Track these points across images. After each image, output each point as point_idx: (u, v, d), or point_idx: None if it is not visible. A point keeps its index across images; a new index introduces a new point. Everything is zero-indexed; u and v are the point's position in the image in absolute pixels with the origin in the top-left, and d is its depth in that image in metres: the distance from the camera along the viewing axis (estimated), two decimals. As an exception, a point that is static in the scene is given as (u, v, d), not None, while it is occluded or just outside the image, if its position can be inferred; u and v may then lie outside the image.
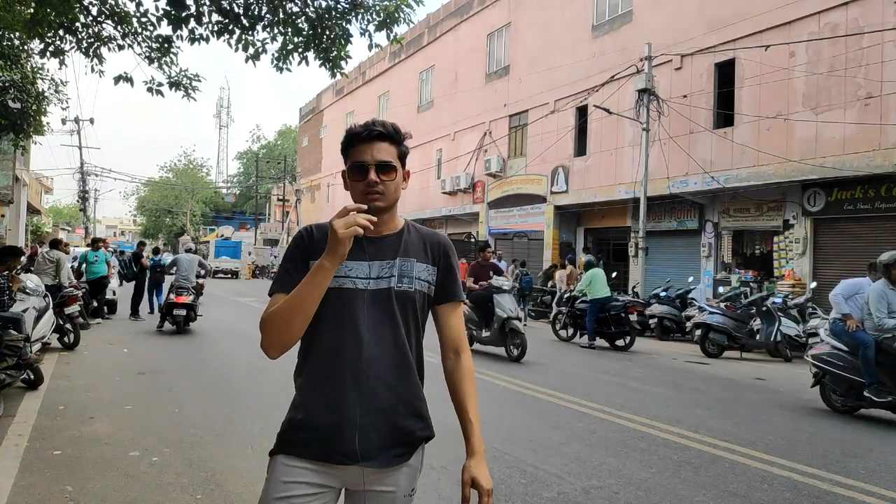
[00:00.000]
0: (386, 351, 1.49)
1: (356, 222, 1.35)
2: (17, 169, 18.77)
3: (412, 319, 1.54)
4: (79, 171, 36.52)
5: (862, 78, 11.52)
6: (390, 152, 1.52)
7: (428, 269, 1.57)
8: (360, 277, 1.49)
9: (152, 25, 6.95)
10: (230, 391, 6.21)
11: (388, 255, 1.53)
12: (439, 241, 1.63)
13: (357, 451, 1.45)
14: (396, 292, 1.51)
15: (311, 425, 1.48)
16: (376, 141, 1.51)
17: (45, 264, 9.22)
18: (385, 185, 1.50)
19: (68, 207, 69.77)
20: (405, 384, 1.52)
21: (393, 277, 1.51)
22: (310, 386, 1.51)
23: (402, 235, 1.57)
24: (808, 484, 3.94)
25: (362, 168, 1.49)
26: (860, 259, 12.23)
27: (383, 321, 1.49)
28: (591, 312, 10.68)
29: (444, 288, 1.61)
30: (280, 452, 1.50)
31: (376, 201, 1.49)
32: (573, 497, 3.59)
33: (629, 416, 5.56)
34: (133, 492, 3.52)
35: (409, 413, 1.53)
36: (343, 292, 1.48)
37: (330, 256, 1.37)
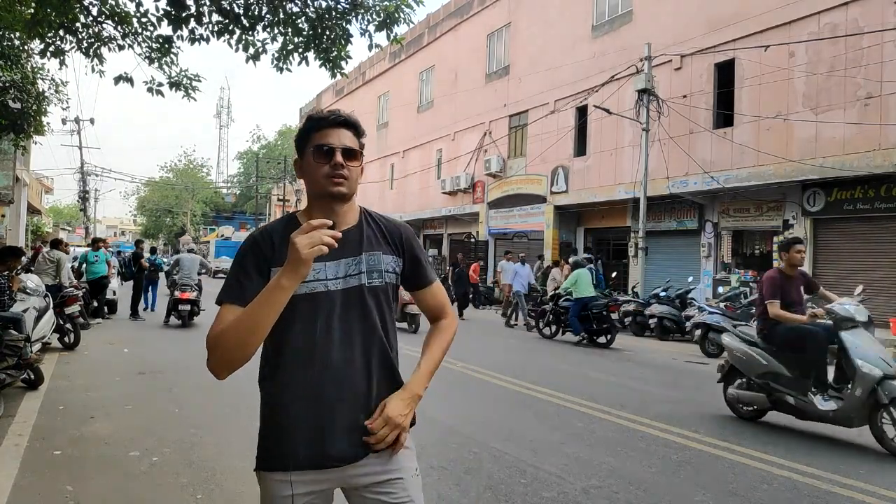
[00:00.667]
0: (364, 347, 1.47)
1: (321, 241, 1.25)
2: (18, 169, 18.77)
3: (386, 312, 1.53)
4: (79, 171, 36.53)
5: (862, 78, 11.52)
6: (353, 141, 1.51)
7: (394, 260, 1.56)
8: (330, 279, 1.46)
9: (152, 25, 6.95)
10: (230, 391, 6.21)
11: (352, 250, 1.49)
12: (399, 231, 1.61)
13: (349, 452, 1.44)
14: (368, 288, 1.49)
15: (293, 434, 1.43)
16: (341, 127, 1.50)
17: (45, 264, 9.22)
18: (349, 171, 1.47)
19: (68, 207, 69.79)
20: (385, 379, 1.51)
21: (362, 274, 1.49)
22: (285, 392, 1.45)
23: (361, 228, 1.55)
24: (808, 484, 3.95)
25: (329, 151, 1.46)
26: (860, 259, 12.28)
27: (357, 318, 1.47)
28: (573, 310, 11.03)
29: (418, 276, 1.62)
30: (264, 469, 1.46)
31: (340, 186, 1.46)
32: (573, 497, 3.59)
33: (629, 416, 5.56)
34: (133, 492, 3.53)
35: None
36: (314, 297, 1.44)
37: (290, 276, 1.27)
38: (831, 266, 12.71)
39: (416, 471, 1.55)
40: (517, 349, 10.33)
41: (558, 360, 9.13)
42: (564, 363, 8.93)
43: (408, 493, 1.49)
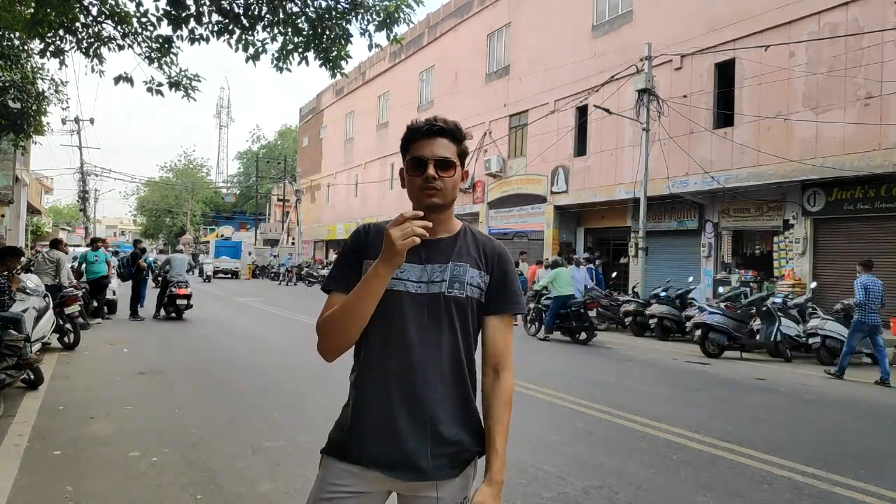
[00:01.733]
0: (435, 358, 1.45)
1: (413, 231, 1.30)
2: (18, 169, 18.77)
3: (462, 326, 1.48)
4: (79, 171, 36.51)
5: (862, 78, 11.52)
6: (450, 149, 1.48)
7: (480, 275, 1.51)
8: (412, 281, 1.46)
9: (152, 25, 6.95)
10: (230, 391, 6.22)
11: (440, 258, 1.49)
12: (494, 247, 1.57)
13: (398, 462, 1.43)
14: (447, 297, 1.46)
15: (358, 431, 1.46)
16: (437, 137, 1.48)
17: (45, 264, 9.22)
18: (443, 182, 1.45)
19: (68, 207, 69.80)
20: (455, 393, 1.48)
21: (444, 282, 1.47)
22: (358, 390, 1.50)
23: (457, 239, 1.53)
24: (808, 484, 3.94)
25: (421, 163, 1.46)
26: (860, 259, 12.25)
27: (433, 327, 1.45)
28: (552, 308, 11.35)
29: (496, 297, 1.53)
30: (329, 454, 1.52)
31: (433, 198, 1.45)
32: (573, 497, 3.59)
33: (629, 416, 5.56)
34: (133, 492, 3.52)
35: (456, 423, 1.47)
36: (392, 295, 1.44)
37: (385, 265, 1.34)
38: (831, 266, 12.71)
39: (465, 500, 1.51)
40: (517, 349, 10.28)
41: (558, 361, 9.13)
42: (564, 363, 8.93)
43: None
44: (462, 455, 1.49)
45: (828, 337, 9.53)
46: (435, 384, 1.45)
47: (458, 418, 1.48)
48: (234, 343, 9.73)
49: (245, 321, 13.06)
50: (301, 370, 7.45)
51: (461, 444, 1.48)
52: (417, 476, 1.43)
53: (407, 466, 1.43)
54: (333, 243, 36.03)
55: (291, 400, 5.80)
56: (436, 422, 1.44)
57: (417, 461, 1.43)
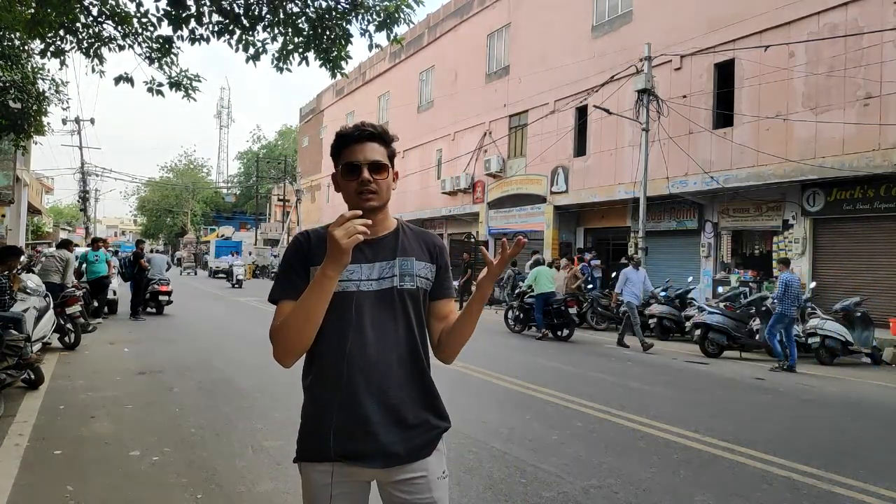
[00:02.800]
0: (394, 349, 1.52)
1: (356, 230, 1.34)
2: (18, 169, 18.76)
3: (416, 315, 1.57)
4: (79, 171, 36.52)
5: (861, 78, 11.53)
6: (381, 152, 1.54)
7: (427, 267, 1.61)
8: (363, 279, 1.52)
9: (153, 26, 6.96)
10: (230, 391, 6.22)
11: (386, 255, 1.56)
12: (434, 241, 1.67)
13: (374, 452, 1.49)
14: (399, 291, 1.54)
15: (325, 429, 1.50)
16: (367, 141, 1.53)
17: (56, 262, 9.29)
18: (378, 185, 1.52)
19: (69, 207, 69.76)
20: (416, 379, 1.56)
21: (395, 277, 1.54)
22: (319, 389, 1.53)
23: (398, 235, 1.60)
24: (808, 484, 3.95)
25: (355, 168, 1.51)
26: (859, 259, 12.28)
27: (389, 320, 1.52)
28: (537, 307, 11.62)
29: (442, 285, 1.64)
30: (303, 460, 1.55)
31: (370, 201, 1.51)
32: (573, 497, 3.60)
33: (629, 416, 5.56)
34: (133, 491, 3.53)
35: (420, 406, 1.55)
36: (346, 295, 1.49)
37: (333, 265, 1.38)
38: (831, 266, 12.72)
39: (444, 473, 1.60)
40: (517, 349, 10.33)
41: (558, 360, 9.13)
42: (564, 363, 8.93)
43: (432, 494, 1.55)
44: (430, 434, 1.57)
45: (827, 337, 9.53)
46: (396, 373, 1.52)
47: (420, 401, 1.56)
48: (234, 342, 9.74)
49: (245, 321, 13.06)
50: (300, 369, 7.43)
51: (427, 423, 1.56)
52: (392, 462, 1.50)
53: (382, 454, 1.49)
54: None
55: (291, 399, 5.81)
56: (401, 408, 1.51)
57: (390, 447, 1.49)
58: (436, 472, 1.57)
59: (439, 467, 1.59)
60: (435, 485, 1.56)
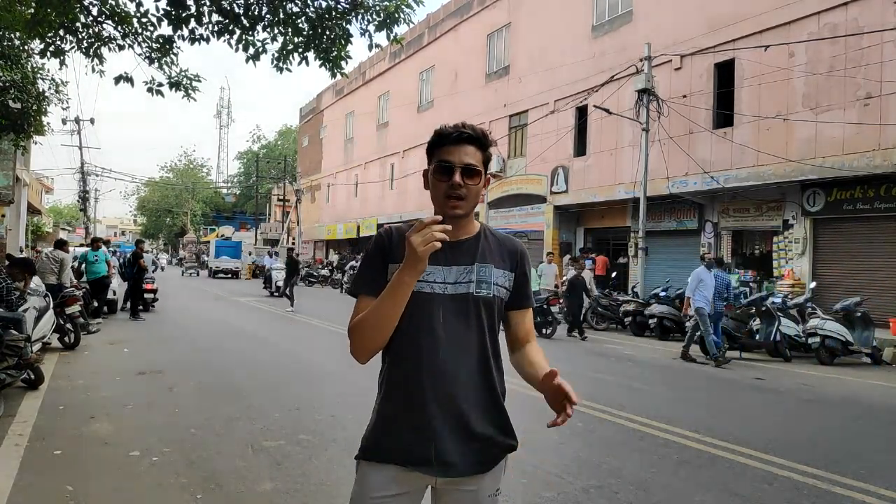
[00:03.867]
0: (465, 357, 1.49)
1: (433, 237, 1.33)
2: (18, 169, 18.76)
3: (489, 324, 1.53)
4: (79, 170, 36.54)
5: (861, 78, 11.53)
6: (476, 157, 1.52)
7: (505, 275, 1.57)
8: (438, 282, 1.50)
9: (152, 26, 6.96)
10: (231, 391, 6.22)
11: (465, 260, 1.53)
12: (516, 248, 1.63)
13: (434, 460, 1.46)
14: (475, 297, 1.51)
15: (391, 431, 1.50)
16: (465, 144, 1.50)
17: (50, 264, 9.27)
18: (468, 189, 1.49)
19: (69, 207, 69.77)
20: (484, 391, 1.53)
21: (472, 283, 1.51)
22: (390, 391, 1.53)
23: (479, 240, 1.57)
24: (808, 484, 3.95)
25: (448, 169, 1.49)
26: (859, 259, 12.29)
27: (462, 326, 1.49)
28: None
29: (519, 294, 1.61)
30: (364, 459, 1.54)
31: (456, 208, 1.49)
32: (573, 497, 3.59)
33: (629, 416, 5.56)
34: (133, 491, 3.53)
35: (487, 421, 1.52)
36: (421, 297, 1.47)
37: (409, 272, 1.37)
38: (831, 266, 12.72)
39: (497, 492, 1.57)
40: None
41: (558, 360, 9.13)
42: (564, 363, 8.93)
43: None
44: (492, 451, 1.53)
45: (827, 337, 9.53)
46: (465, 382, 1.49)
47: (487, 414, 1.52)
48: (234, 343, 9.73)
49: (245, 321, 13.06)
50: (301, 369, 7.46)
51: (491, 439, 1.52)
52: (450, 472, 1.48)
53: (440, 463, 1.47)
54: (333, 243, 36.05)
55: (291, 399, 5.80)
56: (467, 418, 1.48)
57: (450, 458, 1.47)
58: (487, 490, 1.54)
59: (493, 485, 1.55)
60: (483, 502, 1.53)
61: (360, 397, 5.96)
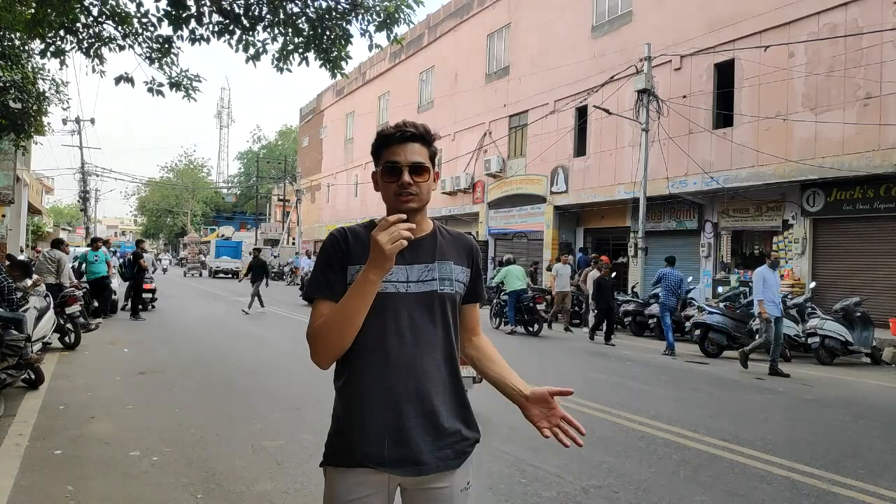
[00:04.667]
0: (431, 354, 1.49)
1: (400, 235, 1.32)
2: (18, 169, 18.76)
3: (452, 320, 1.55)
4: (79, 171, 36.54)
5: (861, 78, 11.53)
6: (422, 153, 1.51)
7: (463, 271, 1.59)
8: (401, 281, 1.49)
9: (153, 26, 6.97)
10: (231, 391, 6.22)
11: (425, 258, 1.53)
12: (470, 244, 1.65)
13: (406, 458, 1.46)
14: (440, 295, 1.51)
15: (356, 432, 1.47)
16: (409, 142, 1.50)
17: (46, 264, 9.25)
18: (419, 187, 1.49)
19: (69, 207, 69.82)
20: (451, 386, 1.53)
21: (435, 280, 1.52)
22: (354, 391, 1.50)
23: (435, 238, 1.57)
24: (808, 484, 3.95)
25: (395, 169, 1.48)
26: (859, 259, 12.28)
27: (427, 324, 1.49)
28: (510, 304, 12.21)
29: (474, 289, 1.64)
30: (330, 464, 1.52)
31: (410, 202, 1.48)
32: (573, 496, 3.60)
33: (629, 416, 5.57)
34: (133, 491, 3.53)
35: (454, 416, 1.53)
36: (385, 297, 1.46)
37: (376, 270, 1.36)
38: (831, 266, 12.72)
39: (468, 485, 1.58)
40: (517, 349, 10.33)
41: (558, 360, 9.14)
42: (564, 363, 8.94)
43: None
44: (460, 445, 1.54)
45: (827, 337, 9.53)
46: (433, 379, 1.49)
47: (455, 409, 1.53)
48: (234, 342, 9.74)
49: (245, 321, 13.06)
50: (301, 370, 7.45)
51: (459, 433, 1.53)
52: (423, 470, 1.47)
53: (412, 461, 1.46)
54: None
55: (291, 400, 5.81)
56: (437, 415, 1.48)
57: (422, 456, 1.46)
58: (459, 484, 1.55)
59: (464, 479, 1.56)
60: (457, 497, 1.53)
61: (360, 397, 5.97)
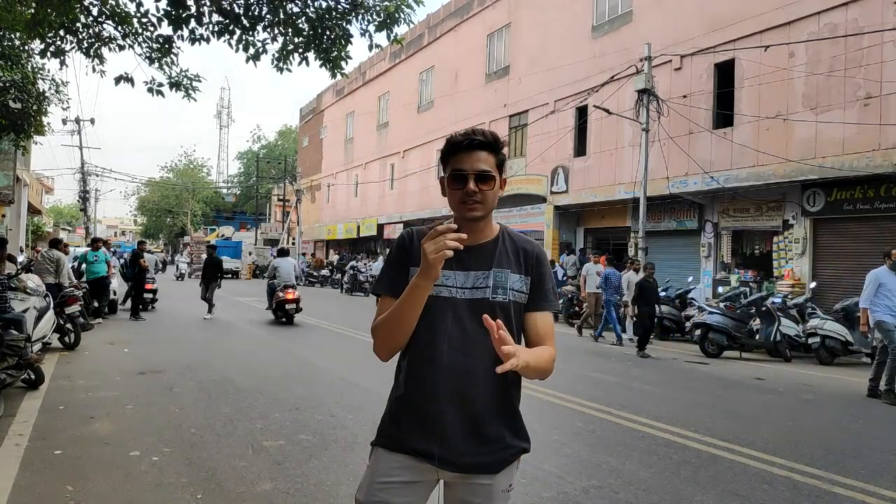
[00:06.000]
0: (481, 360, 1.51)
1: (446, 245, 1.36)
2: (18, 169, 18.77)
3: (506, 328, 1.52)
4: (79, 171, 36.52)
5: (861, 78, 11.53)
6: (489, 161, 1.53)
7: (521, 279, 1.59)
8: (456, 287, 1.54)
9: (153, 26, 6.97)
10: (231, 391, 6.22)
11: (482, 265, 1.56)
12: (533, 250, 1.64)
13: (447, 457, 1.51)
14: (491, 302, 1.54)
15: (405, 425, 1.56)
16: (476, 150, 1.52)
17: (45, 264, 9.24)
18: (483, 195, 1.52)
19: (69, 207, 69.82)
20: (499, 394, 1.56)
21: (488, 288, 1.55)
22: (406, 385, 1.58)
23: (496, 244, 1.60)
24: (808, 484, 3.95)
25: (462, 177, 1.51)
26: (859, 259, 12.27)
27: (478, 329, 1.50)
28: None
29: (536, 296, 1.62)
30: (379, 445, 1.61)
31: (474, 211, 1.52)
32: (573, 497, 3.60)
33: (629, 416, 5.56)
34: (133, 491, 3.53)
35: (500, 423, 1.56)
36: (439, 300, 1.52)
37: (423, 278, 1.42)
38: (831, 266, 12.71)
39: (510, 486, 1.62)
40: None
41: (558, 361, 9.13)
42: (564, 363, 8.93)
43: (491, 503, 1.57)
44: (503, 452, 1.57)
45: (827, 337, 9.53)
46: (479, 383, 1.53)
47: (500, 417, 1.57)
48: (234, 342, 9.74)
49: (245, 321, 13.06)
50: (301, 369, 7.45)
51: (502, 441, 1.57)
52: (460, 470, 1.53)
53: (451, 461, 1.52)
54: (333, 243, 36.05)
55: (291, 400, 5.81)
56: (479, 419, 1.53)
57: (462, 458, 1.52)
58: (502, 485, 1.59)
59: (507, 480, 1.60)
60: (497, 496, 1.57)
61: (360, 397, 5.97)
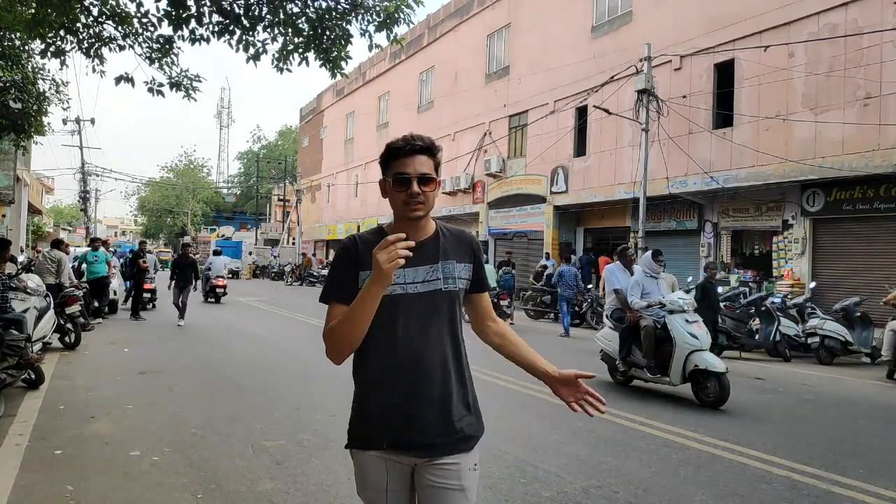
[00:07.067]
0: (439, 348, 1.64)
1: (398, 255, 1.43)
2: (18, 169, 18.78)
3: (457, 315, 1.70)
4: (80, 171, 36.52)
5: (861, 78, 11.53)
6: (428, 165, 1.63)
7: (465, 267, 1.73)
8: (408, 283, 1.63)
9: (153, 26, 6.97)
10: (231, 390, 6.22)
11: (429, 258, 1.67)
12: (470, 240, 1.79)
13: (420, 444, 1.60)
14: (443, 293, 1.66)
15: (374, 420, 1.63)
16: (417, 154, 1.62)
17: (46, 264, 9.24)
18: (426, 196, 1.62)
19: (69, 207, 69.83)
20: (459, 378, 1.67)
21: (439, 280, 1.66)
22: (370, 383, 1.65)
23: (438, 239, 1.71)
24: (808, 484, 3.95)
25: (405, 180, 1.60)
26: (859, 259, 12.29)
27: (433, 319, 1.64)
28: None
29: (479, 281, 1.79)
30: (353, 447, 1.68)
31: (417, 211, 1.62)
32: (573, 496, 3.60)
33: (629, 416, 5.57)
34: (133, 491, 3.53)
35: (461, 403, 1.67)
36: (394, 298, 1.60)
37: (377, 285, 1.48)
38: (831, 266, 12.72)
39: (475, 466, 1.71)
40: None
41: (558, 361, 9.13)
42: (564, 363, 8.93)
43: (461, 482, 1.65)
44: (467, 430, 1.67)
45: (827, 337, 9.53)
46: (442, 371, 1.63)
47: (462, 398, 1.67)
48: (234, 342, 9.74)
49: (245, 321, 13.07)
50: (301, 369, 7.45)
51: (465, 420, 1.67)
52: (434, 452, 1.62)
53: (424, 445, 1.61)
54: (334, 243, 36.06)
55: (291, 399, 5.81)
56: (445, 402, 1.63)
57: (435, 441, 1.61)
58: (468, 464, 1.67)
59: (472, 460, 1.69)
60: (465, 474, 1.65)
61: (360, 397, 5.98)
